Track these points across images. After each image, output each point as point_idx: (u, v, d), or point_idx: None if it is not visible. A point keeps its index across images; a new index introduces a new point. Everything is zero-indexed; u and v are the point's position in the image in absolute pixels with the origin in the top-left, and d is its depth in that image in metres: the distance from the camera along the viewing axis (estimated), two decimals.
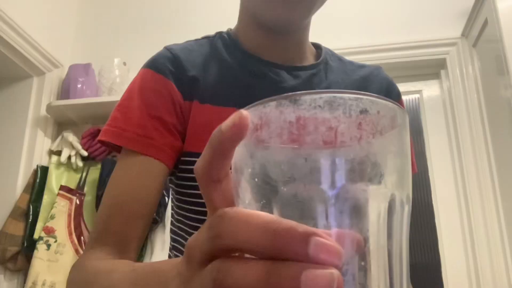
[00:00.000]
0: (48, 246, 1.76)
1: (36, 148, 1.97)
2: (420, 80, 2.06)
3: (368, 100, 0.22)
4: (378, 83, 0.72)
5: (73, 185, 1.91)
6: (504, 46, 1.56)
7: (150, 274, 0.35)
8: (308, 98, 0.21)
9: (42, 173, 1.93)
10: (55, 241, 1.77)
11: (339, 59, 0.76)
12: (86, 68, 2.06)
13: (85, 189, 1.91)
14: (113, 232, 0.58)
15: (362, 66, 0.75)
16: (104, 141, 0.61)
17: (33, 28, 1.96)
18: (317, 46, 0.77)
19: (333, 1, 2.06)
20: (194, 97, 0.64)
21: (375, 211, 0.22)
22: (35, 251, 1.75)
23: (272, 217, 0.21)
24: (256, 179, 0.23)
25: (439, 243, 1.83)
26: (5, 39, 1.83)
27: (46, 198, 1.88)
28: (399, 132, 0.23)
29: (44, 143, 2.02)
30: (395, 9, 2.06)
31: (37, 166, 1.93)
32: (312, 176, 0.21)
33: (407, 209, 0.24)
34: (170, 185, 0.70)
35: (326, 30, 2.07)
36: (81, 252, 1.57)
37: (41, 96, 2.05)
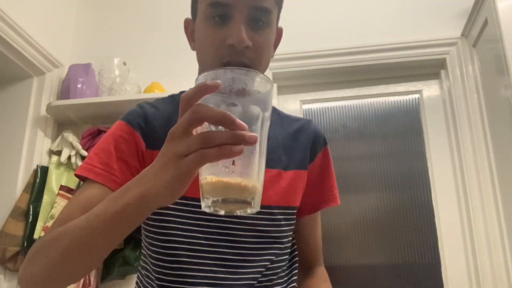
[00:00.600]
0: None
1: (36, 148, 1.97)
2: (420, 80, 2.06)
3: (259, 74, 0.48)
4: (307, 134, 0.91)
5: (73, 185, 1.91)
6: (504, 46, 1.56)
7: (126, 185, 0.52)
8: (237, 70, 0.47)
9: (42, 173, 1.93)
10: None
11: (278, 113, 0.93)
12: (86, 68, 2.06)
13: None
14: None
15: (296, 120, 0.93)
16: (78, 175, 0.75)
17: (33, 28, 1.96)
18: None
19: (333, 1, 2.07)
20: (157, 147, 0.76)
21: (258, 120, 0.48)
22: None
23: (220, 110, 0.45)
24: (212, 100, 0.47)
25: (439, 243, 1.83)
26: (5, 39, 1.83)
27: (46, 198, 1.88)
28: (267, 88, 0.49)
29: (44, 143, 2.02)
30: (395, 9, 2.07)
31: (37, 166, 1.93)
32: (237, 100, 0.46)
33: (267, 123, 0.49)
34: (142, 225, 0.84)
35: (326, 30, 2.07)
36: None
37: (41, 96, 2.05)
